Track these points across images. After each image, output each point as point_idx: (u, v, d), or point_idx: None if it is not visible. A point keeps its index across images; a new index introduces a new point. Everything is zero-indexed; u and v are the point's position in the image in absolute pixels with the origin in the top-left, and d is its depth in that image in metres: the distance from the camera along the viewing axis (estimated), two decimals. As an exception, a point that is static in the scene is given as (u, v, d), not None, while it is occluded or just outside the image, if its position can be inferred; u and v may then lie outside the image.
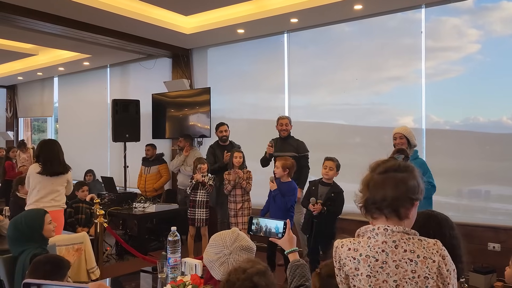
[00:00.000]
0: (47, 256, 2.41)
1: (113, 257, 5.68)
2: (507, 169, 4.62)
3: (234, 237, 1.70)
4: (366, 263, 1.33)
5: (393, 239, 1.34)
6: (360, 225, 1.44)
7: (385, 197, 1.37)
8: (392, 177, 1.38)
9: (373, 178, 1.41)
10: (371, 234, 1.37)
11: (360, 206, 1.43)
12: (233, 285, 1.42)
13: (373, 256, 1.33)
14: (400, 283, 1.31)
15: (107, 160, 8.67)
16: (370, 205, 1.40)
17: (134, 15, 5.57)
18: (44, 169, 4.09)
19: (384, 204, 1.37)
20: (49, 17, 5.39)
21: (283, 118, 5.15)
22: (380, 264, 1.32)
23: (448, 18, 5.05)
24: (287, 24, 5.82)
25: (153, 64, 7.48)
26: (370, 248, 1.34)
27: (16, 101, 11.08)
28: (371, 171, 1.43)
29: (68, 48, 7.48)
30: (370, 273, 1.32)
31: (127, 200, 6.02)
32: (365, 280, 1.32)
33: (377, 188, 1.38)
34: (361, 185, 1.44)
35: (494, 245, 4.55)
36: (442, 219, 1.63)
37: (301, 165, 5.00)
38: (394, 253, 1.33)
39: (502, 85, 4.68)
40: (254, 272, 1.43)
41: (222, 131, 5.64)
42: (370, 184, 1.40)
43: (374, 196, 1.38)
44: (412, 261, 1.32)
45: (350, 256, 1.37)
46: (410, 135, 4.03)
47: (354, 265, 1.35)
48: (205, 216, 5.21)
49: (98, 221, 4.60)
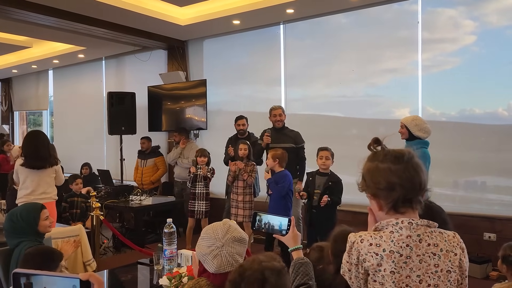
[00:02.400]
0: (38, 248, 2.40)
1: (110, 250, 5.69)
2: (503, 160, 4.64)
3: (226, 229, 1.68)
4: (390, 259, 1.27)
5: (418, 233, 1.29)
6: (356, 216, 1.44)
7: (420, 184, 1.31)
8: (414, 164, 1.33)
9: (396, 169, 1.31)
10: (393, 228, 1.30)
11: (390, 205, 1.32)
12: (245, 271, 1.42)
13: (397, 251, 1.27)
14: (423, 278, 1.27)
15: (103, 153, 8.64)
16: (401, 200, 1.31)
17: (129, 6, 5.52)
18: (25, 162, 4.04)
19: (418, 194, 1.31)
20: (43, 8, 5.33)
21: (276, 108, 5.10)
22: (404, 259, 1.27)
23: (444, 9, 5.03)
24: (283, 15, 5.79)
25: (149, 56, 7.43)
26: (394, 243, 1.28)
27: (11, 95, 11.01)
28: (388, 162, 1.33)
29: (62, 40, 7.42)
30: (394, 269, 1.26)
31: (124, 192, 6.01)
32: (388, 276, 1.27)
33: (409, 179, 1.30)
34: (383, 183, 1.31)
35: (490, 235, 4.58)
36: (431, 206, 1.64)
37: (299, 156, 5.00)
38: (418, 247, 1.28)
39: (497, 77, 4.68)
40: (269, 267, 1.42)
41: (240, 125, 5.56)
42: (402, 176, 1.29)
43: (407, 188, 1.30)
44: (435, 255, 1.29)
45: (372, 252, 1.29)
46: (411, 125, 3.91)
47: (377, 261, 1.28)
48: (204, 208, 5.22)
49: (94, 214, 4.59)
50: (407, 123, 3.95)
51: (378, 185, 1.33)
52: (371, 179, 1.36)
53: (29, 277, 0.77)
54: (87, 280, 0.76)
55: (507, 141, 4.65)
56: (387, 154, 1.35)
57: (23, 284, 0.77)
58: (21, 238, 2.65)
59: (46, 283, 0.76)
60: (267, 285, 1.40)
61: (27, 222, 2.69)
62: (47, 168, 4.08)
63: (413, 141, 3.90)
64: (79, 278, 0.76)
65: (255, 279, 1.40)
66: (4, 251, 2.69)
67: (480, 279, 4.30)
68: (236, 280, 1.42)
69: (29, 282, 0.77)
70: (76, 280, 0.76)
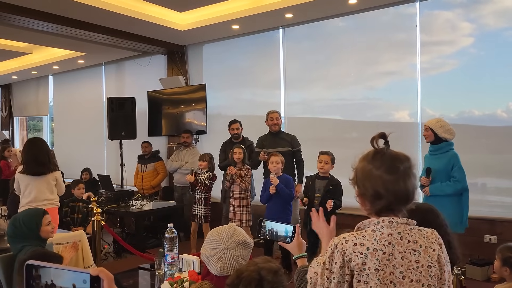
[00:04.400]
0: (36, 252, 2.41)
1: (111, 255, 5.68)
2: (503, 161, 4.65)
3: (231, 232, 1.70)
4: (374, 257, 1.30)
5: (398, 230, 1.33)
6: (355, 219, 1.44)
7: (407, 197, 1.36)
8: (407, 175, 1.35)
9: (387, 180, 1.34)
10: (375, 227, 1.34)
11: (373, 211, 1.37)
12: (242, 273, 1.44)
13: (380, 249, 1.31)
14: (406, 274, 1.31)
15: (104, 158, 8.64)
16: (385, 208, 1.36)
17: (128, 12, 5.55)
18: (25, 169, 4.07)
19: (403, 205, 1.37)
20: (43, 15, 5.35)
21: (273, 112, 5.14)
22: (387, 256, 1.31)
23: (441, 11, 5.06)
24: (282, 19, 5.81)
25: (148, 61, 7.45)
26: (377, 241, 1.32)
27: (11, 100, 11.02)
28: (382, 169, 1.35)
29: (62, 46, 7.44)
30: (378, 266, 1.30)
31: (124, 198, 6.01)
32: (373, 274, 1.30)
33: (397, 192, 1.34)
34: (371, 191, 1.35)
35: (491, 237, 4.58)
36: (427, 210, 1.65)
37: (297, 159, 5.02)
38: (399, 244, 1.32)
39: (496, 78, 4.70)
40: (265, 268, 1.45)
41: (234, 129, 5.58)
42: (391, 189, 1.33)
43: (393, 200, 1.34)
44: (415, 251, 1.33)
45: (357, 251, 1.31)
46: (435, 126, 3.90)
47: (362, 260, 1.31)
48: (203, 213, 5.22)
49: (95, 219, 4.59)
50: (432, 125, 3.93)
51: (366, 190, 1.37)
52: (362, 181, 1.39)
53: (37, 269, 0.77)
54: (97, 275, 0.76)
55: (507, 142, 4.65)
56: (384, 160, 1.37)
57: (33, 277, 0.78)
58: (24, 243, 2.65)
59: (54, 276, 0.77)
60: (264, 283, 1.42)
61: (29, 228, 2.70)
62: (47, 174, 4.09)
63: (441, 144, 3.91)
64: (89, 273, 0.76)
65: (252, 278, 1.42)
66: (5, 258, 2.69)
67: (482, 281, 4.30)
68: (234, 283, 1.44)
69: (37, 274, 0.78)
70: (86, 275, 0.76)
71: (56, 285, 0.77)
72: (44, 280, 0.77)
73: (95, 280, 0.76)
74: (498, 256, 2.46)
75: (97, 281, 0.76)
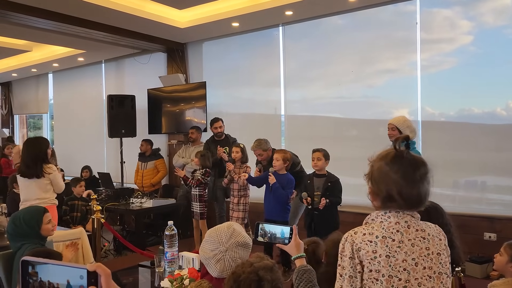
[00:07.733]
0: (35, 249, 2.41)
1: (111, 253, 5.69)
2: (503, 159, 4.65)
3: (230, 233, 1.67)
4: (384, 244, 1.33)
5: (405, 219, 1.37)
6: (358, 216, 1.45)
7: (419, 203, 1.38)
8: (424, 182, 1.38)
9: (402, 185, 1.36)
10: (382, 218, 1.38)
11: (383, 209, 1.41)
12: (239, 277, 1.42)
13: (389, 236, 1.34)
14: (418, 261, 1.34)
15: (104, 156, 8.64)
16: (394, 209, 1.39)
17: (128, 9, 5.54)
18: (19, 170, 4.13)
19: (412, 209, 1.39)
20: (42, 12, 5.34)
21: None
22: (397, 243, 1.34)
23: (440, 9, 5.05)
24: (282, 17, 5.80)
25: (148, 59, 7.45)
26: (385, 229, 1.35)
27: (11, 98, 11.02)
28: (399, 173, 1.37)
29: (62, 44, 7.43)
30: (389, 253, 1.32)
31: (124, 195, 6.01)
32: (384, 261, 1.32)
33: (410, 198, 1.36)
34: (384, 192, 1.38)
35: (490, 235, 4.58)
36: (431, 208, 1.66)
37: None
38: (407, 232, 1.36)
39: (495, 76, 4.69)
40: (261, 267, 1.43)
41: (217, 127, 5.61)
42: (404, 195, 1.36)
43: (403, 204, 1.37)
44: (424, 239, 1.37)
45: (366, 240, 1.34)
46: (402, 126, 3.80)
47: (372, 248, 1.33)
48: (199, 210, 5.24)
49: (95, 217, 4.59)
50: (398, 124, 3.81)
51: (379, 191, 1.39)
52: (376, 181, 1.40)
53: (34, 266, 0.78)
54: (94, 271, 0.77)
55: (507, 140, 4.66)
56: (403, 164, 1.38)
57: (29, 273, 0.78)
58: (24, 241, 2.65)
59: (53, 273, 0.77)
60: (264, 283, 1.41)
61: (29, 226, 2.70)
62: (39, 177, 4.07)
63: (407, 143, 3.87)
64: (87, 268, 0.76)
65: (251, 281, 1.41)
66: (5, 256, 2.70)
67: (481, 279, 4.30)
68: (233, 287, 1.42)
69: (34, 272, 0.78)
70: (83, 270, 0.76)
71: (52, 281, 0.77)
72: (40, 277, 0.77)
73: (93, 275, 0.76)
74: (507, 252, 2.36)
75: (95, 277, 0.76)
